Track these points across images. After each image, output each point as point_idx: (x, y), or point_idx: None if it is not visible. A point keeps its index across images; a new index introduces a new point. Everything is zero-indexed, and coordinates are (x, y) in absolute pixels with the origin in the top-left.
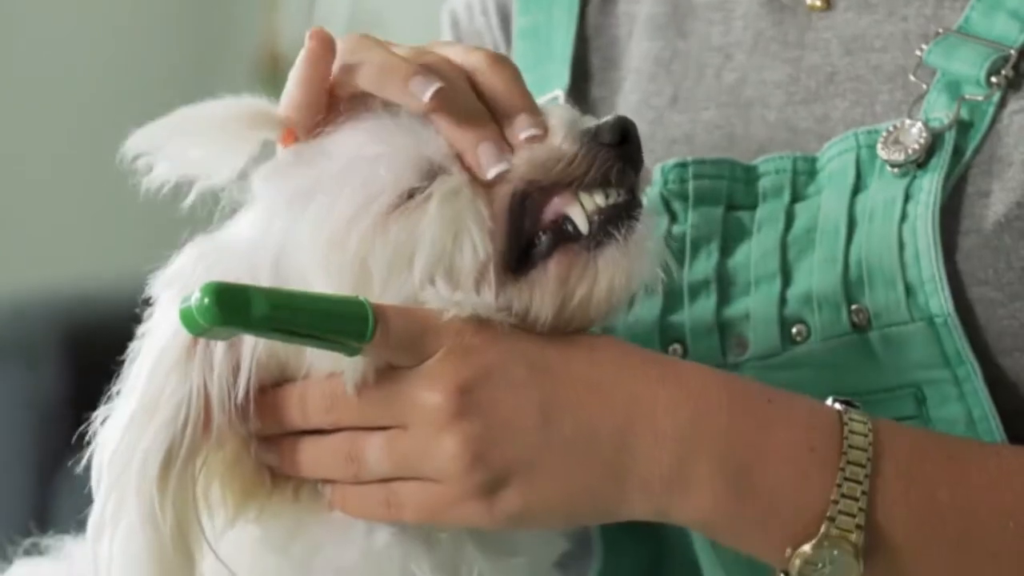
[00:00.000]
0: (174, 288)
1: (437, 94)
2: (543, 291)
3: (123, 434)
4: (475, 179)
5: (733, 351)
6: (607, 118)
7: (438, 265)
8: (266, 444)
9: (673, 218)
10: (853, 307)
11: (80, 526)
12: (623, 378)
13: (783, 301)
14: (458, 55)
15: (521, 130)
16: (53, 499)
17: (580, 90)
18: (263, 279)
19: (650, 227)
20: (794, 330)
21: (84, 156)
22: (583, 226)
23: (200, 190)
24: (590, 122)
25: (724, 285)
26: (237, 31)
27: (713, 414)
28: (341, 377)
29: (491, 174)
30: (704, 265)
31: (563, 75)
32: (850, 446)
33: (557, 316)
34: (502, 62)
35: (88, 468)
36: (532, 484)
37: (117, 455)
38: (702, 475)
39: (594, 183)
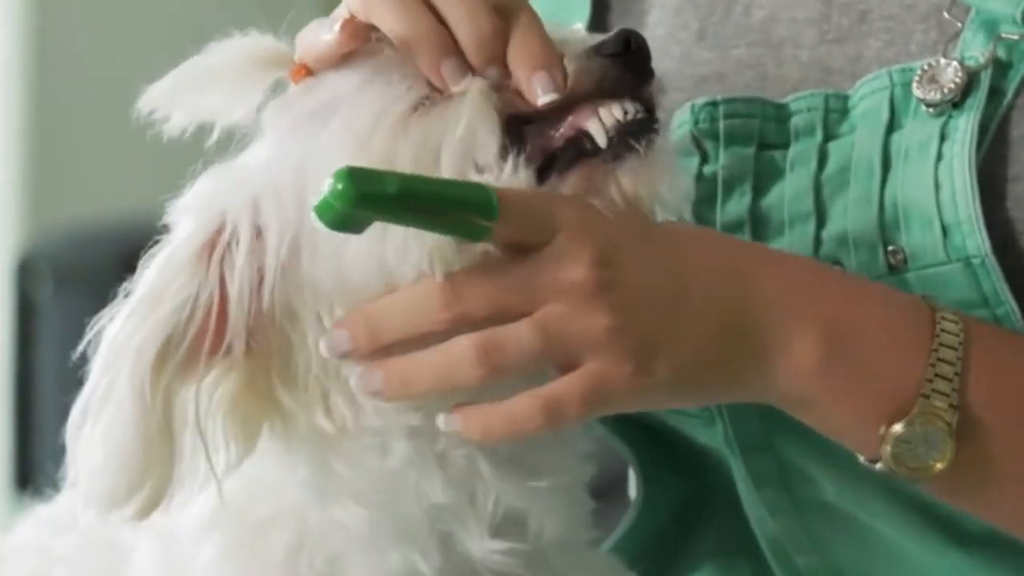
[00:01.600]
0: (191, 213)
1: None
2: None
3: (123, 322)
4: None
5: None
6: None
7: (466, 160)
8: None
9: (704, 158)
10: (889, 248)
11: None
12: (731, 252)
13: (818, 241)
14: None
15: (539, 94)
16: None
17: (601, 23)
18: (285, 196)
19: (671, 142)
20: None
21: (140, 72)
22: (601, 140)
23: (221, 131)
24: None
25: (758, 225)
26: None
27: (817, 288)
28: (449, 274)
29: (542, 101)
30: (737, 205)
31: (584, 6)
32: (942, 330)
33: None
34: (526, 14)
35: None
36: (677, 351)
37: (114, 342)
38: (806, 341)
39: (606, 95)
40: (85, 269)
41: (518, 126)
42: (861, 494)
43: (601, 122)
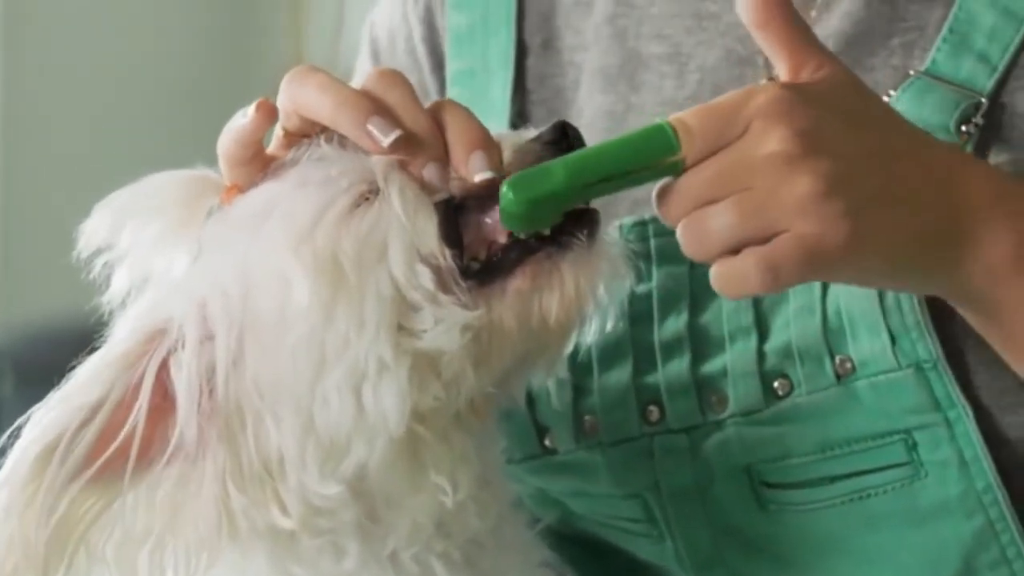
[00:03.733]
0: (129, 320)
1: (398, 140)
2: (504, 304)
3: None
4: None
5: (713, 409)
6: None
7: (411, 253)
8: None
9: (637, 278)
10: (837, 357)
11: None
12: (933, 147)
13: (761, 355)
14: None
15: (476, 171)
16: None
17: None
18: (231, 295)
19: (611, 232)
20: (776, 384)
21: (108, 168)
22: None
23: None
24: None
25: (697, 342)
26: (264, 39)
27: (1008, 196)
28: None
29: (479, 177)
30: (675, 323)
31: (503, 127)
32: None
33: (522, 326)
34: (453, 103)
35: None
36: (889, 217)
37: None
38: (1004, 242)
39: None
40: (48, 366)
41: (453, 212)
42: None
43: None
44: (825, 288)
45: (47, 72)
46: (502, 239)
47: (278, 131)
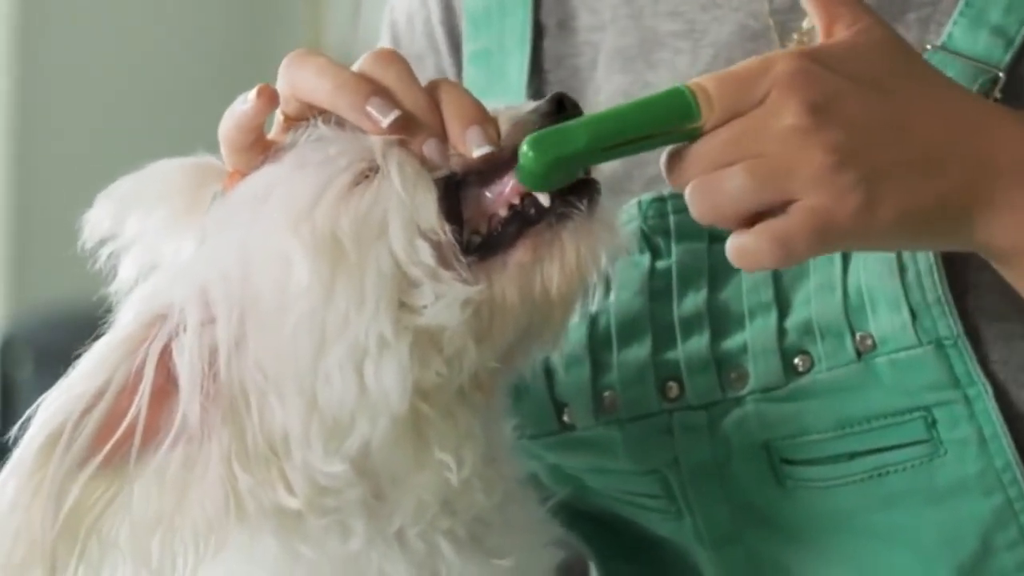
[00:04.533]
0: (133, 306)
1: (397, 120)
2: (505, 277)
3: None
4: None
5: (732, 385)
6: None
7: (411, 229)
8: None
9: (656, 254)
10: (858, 335)
11: None
12: (958, 106)
13: (782, 331)
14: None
15: (473, 146)
16: None
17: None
18: (231, 278)
19: (613, 202)
20: (796, 361)
21: (123, 157)
22: (544, 199)
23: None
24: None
25: (717, 319)
26: (282, 29)
27: None
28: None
29: (477, 153)
30: (694, 300)
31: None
32: None
33: (524, 298)
34: (448, 81)
35: None
36: (902, 186)
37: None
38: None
39: None
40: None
41: (454, 188)
42: (835, 565)
43: None
44: (846, 264)
45: (61, 61)
46: (503, 212)
47: (278, 116)
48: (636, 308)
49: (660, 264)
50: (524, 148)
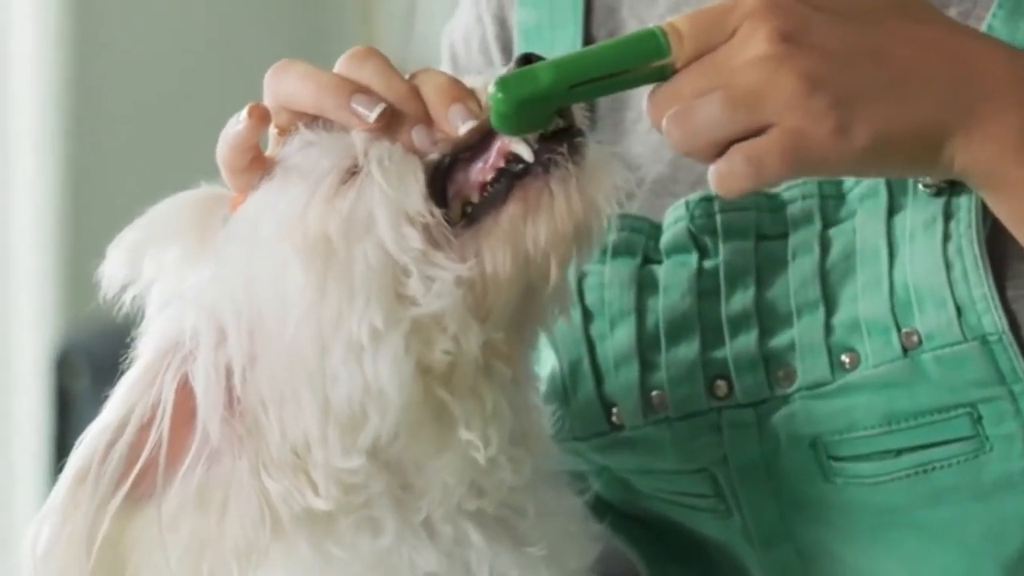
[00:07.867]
0: (150, 339)
1: (383, 114)
2: (497, 237)
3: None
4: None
5: (780, 383)
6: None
7: (398, 217)
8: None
9: (704, 253)
10: (904, 330)
11: None
12: (938, 30)
13: (829, 329)
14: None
15: (457, 123)
16: None
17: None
18: (238, 294)
19: (600, 146)
20: (843, 358)
21: (176, 162)
22: (527, 154)
23: None
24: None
25: (765, 317)
26: (334, 38)
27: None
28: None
29: (462, 129)
30: (741, 298)
31: None
32: None
33: (517, 256)
34: (426, 68)
35: None
36: (873, 117)
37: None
38: (1012, 118)
39: None
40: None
41: (444, 170)
42: (883, 561)
43: (524, 140)
44: (892, 261)
45: (115, 63)
46: (491, 177)
47: (272, 131)
48: (684, 307)
49: (708, 263)
50: (493, 90)
